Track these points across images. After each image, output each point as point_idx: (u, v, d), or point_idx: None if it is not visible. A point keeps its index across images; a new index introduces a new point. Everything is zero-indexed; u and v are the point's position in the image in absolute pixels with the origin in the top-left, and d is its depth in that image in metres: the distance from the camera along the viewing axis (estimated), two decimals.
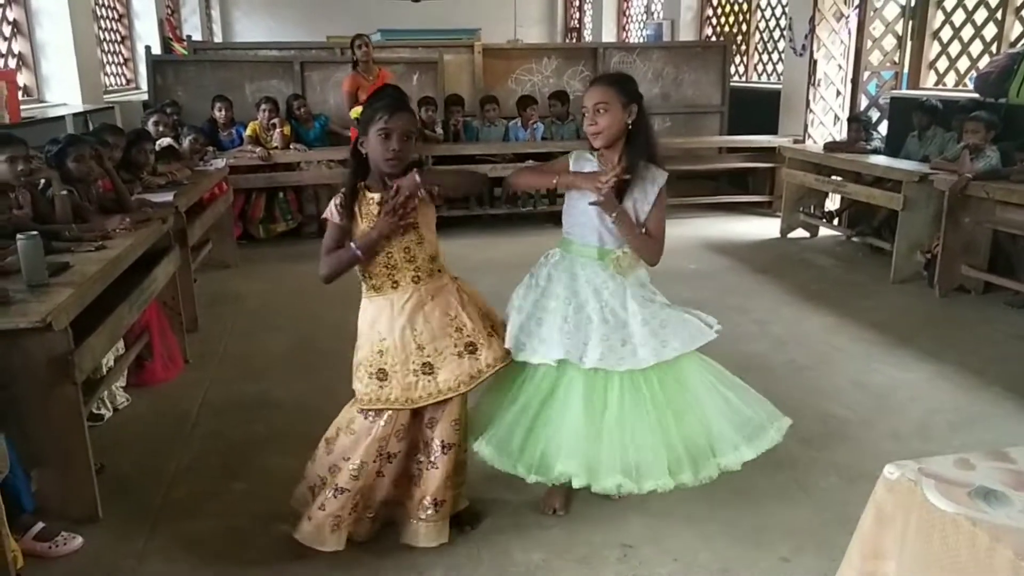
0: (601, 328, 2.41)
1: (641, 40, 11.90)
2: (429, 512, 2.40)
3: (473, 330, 2.37)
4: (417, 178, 2.25)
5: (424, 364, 2.32)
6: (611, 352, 2.39)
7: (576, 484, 2.40)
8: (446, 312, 2.35)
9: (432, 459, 2.39)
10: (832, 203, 6.94)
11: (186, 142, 5.76)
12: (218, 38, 14.76)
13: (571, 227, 2.54)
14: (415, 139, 2.30)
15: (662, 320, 2.45)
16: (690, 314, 2.51)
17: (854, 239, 6.43)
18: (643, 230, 2.46)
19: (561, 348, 2.39)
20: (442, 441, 2.38)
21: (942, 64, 6.49)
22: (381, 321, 2.33)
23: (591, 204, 2.42)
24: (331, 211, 2.32)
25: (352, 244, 2.28)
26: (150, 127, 5.56)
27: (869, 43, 7.05)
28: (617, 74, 2.54)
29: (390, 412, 2.33)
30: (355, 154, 2.32)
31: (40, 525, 2.46)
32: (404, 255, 2.31)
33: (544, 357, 2.41)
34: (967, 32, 6.19)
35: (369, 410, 2.35)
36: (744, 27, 9.45)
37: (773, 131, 7.92)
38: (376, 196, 2.29)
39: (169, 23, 10.68)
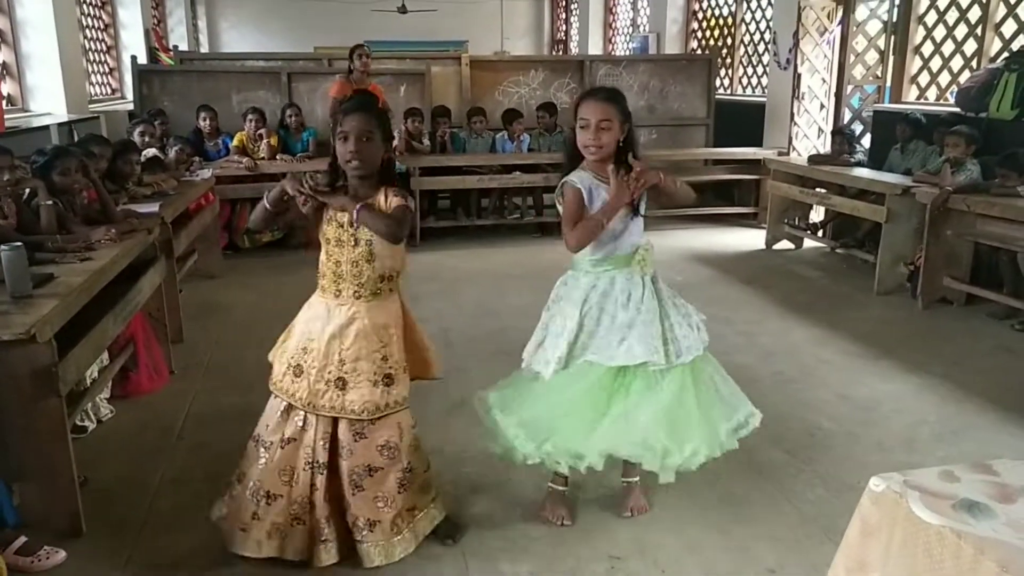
0: (680, 326, 2.51)
1: (627, 53, 11.99)
2: (364, 533, 2.39)
3: (396, 362, 2.37)
4: (342, 201, 2.27)
5: (339, 379, 2.32)
6: (691, 347, 2.50)
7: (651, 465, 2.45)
8: (380, 339, 2.34)
9: (357, 483, 2.36)
10: (817, 215, 7.00)
11: (172, 152, 5.74)
12: (204, 48, 14.75)
13: (595, 246, 2.50)
14: (382, 141, 2.29)
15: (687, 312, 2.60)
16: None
17: (838, 251, 6.49)
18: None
19: (645, 350, 2.43)
20: (368, 465, 2.36)
21: (924, 78, 6.58)
22: (316, 322, 2.36)
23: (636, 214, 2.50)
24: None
25: (267, 193, 2.34)
26: (136, 137, 5.54)
27: (852, 57, 7.14)
28: (615, 90, 2.54)
29: (312, 417, 2.35)
30: (333, 163, 2.35)
31: (22, 539, 2.43)
32: (352, 268, 2.31)
33: (627, 360, 2.44)
34: (948, 47, 6.28)
35: (300, 412, 2.37)
36: (729, 40, 9.54)
37: (758, 143, 7.98)
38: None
39: (155, 33, 10.65)
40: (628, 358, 2.43)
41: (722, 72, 9.53)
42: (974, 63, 6.00)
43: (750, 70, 9.25)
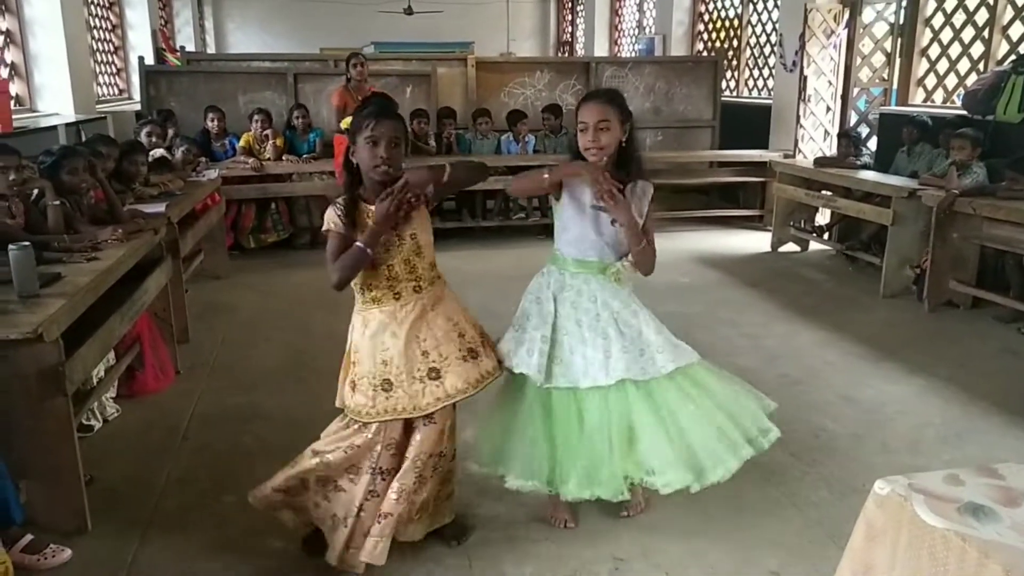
0: (619, 341, 2.45)
1: (633, 54, 11.98)
2: (397, 529, 2.38)
3: (472, 337, 2.40)
4: (426, 175, 2.29)
5: (431, 370, 2.31)
6: (633, 363, 2.45)
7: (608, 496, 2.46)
8: (449, 318, 2.36)
9: (421, 473, 2.34)
10: (822, 217, 6.99)
11: (179, 153, 5.76)
12: (211, 49, 14.79)
13: (568, 243, 2.54)
14: (404, 145, 2.30)
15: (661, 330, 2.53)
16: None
17: (844, 253, 6.47)
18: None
19: (588, 376, 2.44)
20: (430, 454, 2.36)
21: (930, 81, 6.56)
22: (384, 333, 2.31)
23: (595, 207, 2.44)
24: (332, 221, 2.29)
25: (357, 243, 2.24)
26: (143, 138, 5.56)
27: (858, 60, 7.12)
28: (613, 91, 2.56)
29: (378, 424, 2.32)
30: (347, 165, 2.33)
31: (28, 537, 2.45)
32: (405, 266, 2.31)
33: (570, 383, 2.47)
34: (955, 50, 6.27)
35: (369, 423, 2.33)
36: (735, 43, 9.54)
37: (764, 146, 7.98)
38: (371, 208, 2.28)
39: (162, 34, 10.69)
40: (610, 375, 2.44)
41: (728, 74, 9.53)
42: (981, 66, 5.99)
43: (756, 72, 9.24)
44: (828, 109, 7.47)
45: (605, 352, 2.45)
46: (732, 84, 9.58)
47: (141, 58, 7.83)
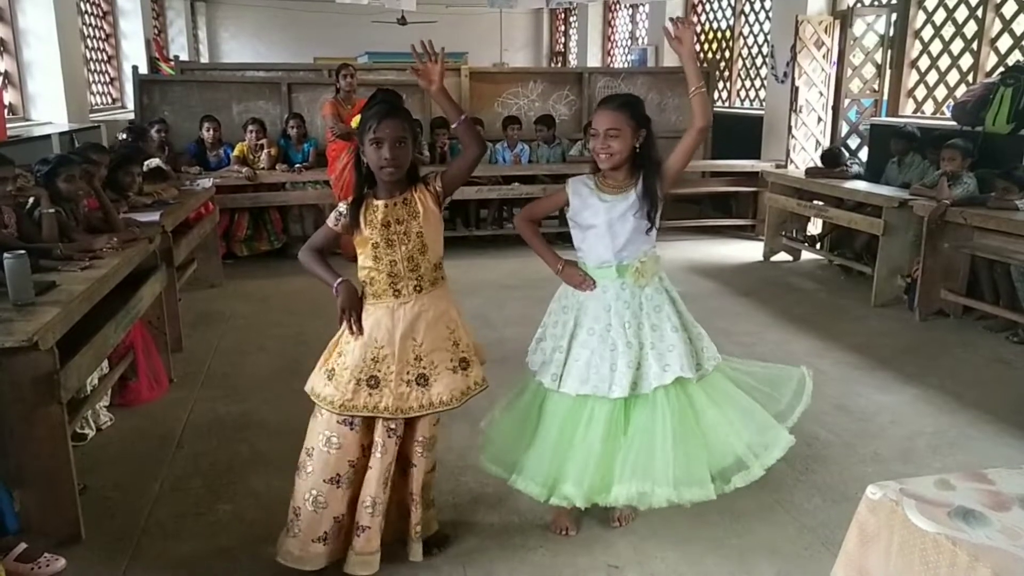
0: (626, 354, 2.46)
1: (626, 65, 12.04)
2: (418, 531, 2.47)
3: (466, 346, 2.39)
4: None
5: (419, 376, 2.30)
6: (641, 378, 2.46)
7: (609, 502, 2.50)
8: (447, 325, 2.35)
9: (427, 483, 2.46)
10: (814, 227, 7.03)
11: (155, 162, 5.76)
12: (205, 59, 14.79)
13: (585, 251, 2.57)
14: (414, 141, 2.29)
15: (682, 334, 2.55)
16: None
17: (836, 263, 6.51)
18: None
19: (588, 384, 2.47)
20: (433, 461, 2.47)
21: (920, 92, 6.63)
22: (379, 329, 2.30)
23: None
24: (333, 218, 2.34)
25: (337, 283, 2.32)
26: (153, 134, 5.58)
27: (849, 71, 7.19)
28: (627, 97, 2.55)
29: (383, 437, 2.31)
30: (358, 164, 2.32)
31: (22, 546, 2.43)
32: (408, 264, 2.29)
33: (572, 390, 2.49)
34: (944, 62, 6.33)
35: (351, 417, 2.31)
36: (727, 54, 9.61)
37: (756, 156, 8.03)
38: (381, 203, 2.28)
39: (156, 43, 10.69)
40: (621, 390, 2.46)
41: (720, 85, 9.58)
42: (970, 78, 6.05)
43: (748, 83, 9.31)
44: (819, 120, 7.53)
45: (611, 366, 2.46)
46: (724, 95, 9.64)
47: (135, 67, 7.83)
